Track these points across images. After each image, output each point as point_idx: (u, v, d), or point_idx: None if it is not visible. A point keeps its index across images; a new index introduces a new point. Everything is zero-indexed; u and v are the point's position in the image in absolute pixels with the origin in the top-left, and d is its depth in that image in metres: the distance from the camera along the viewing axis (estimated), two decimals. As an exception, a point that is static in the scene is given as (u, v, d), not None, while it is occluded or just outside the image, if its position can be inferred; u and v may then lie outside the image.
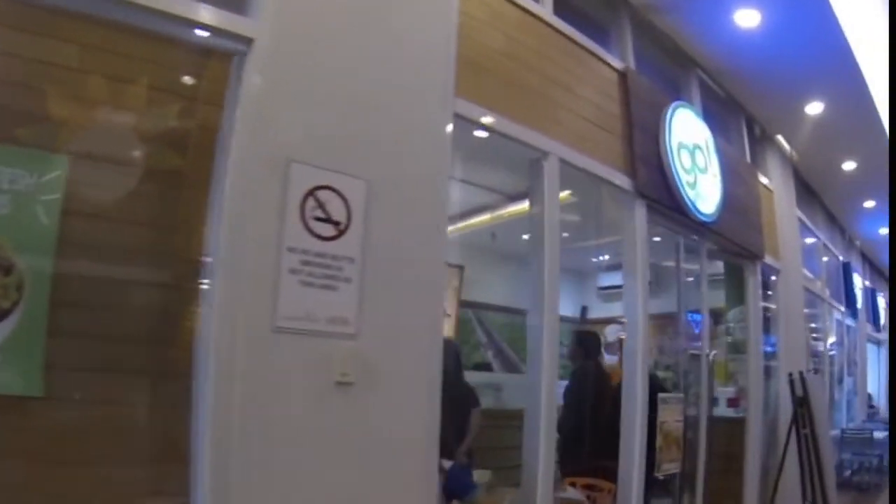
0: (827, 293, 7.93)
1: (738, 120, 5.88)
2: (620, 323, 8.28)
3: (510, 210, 6.74)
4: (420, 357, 2.56)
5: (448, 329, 7.16)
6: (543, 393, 3.13)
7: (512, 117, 3.15)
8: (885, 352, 10.94)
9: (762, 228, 5.59)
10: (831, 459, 5.27)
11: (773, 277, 6.03)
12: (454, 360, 4.46)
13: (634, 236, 3.86)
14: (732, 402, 5.29)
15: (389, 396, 2.42)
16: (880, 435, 8.11)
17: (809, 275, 7.73)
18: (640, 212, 3.90)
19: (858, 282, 9.49)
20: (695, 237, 4.70)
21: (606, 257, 8.41)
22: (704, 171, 4.50)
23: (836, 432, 8.06)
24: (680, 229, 4.48)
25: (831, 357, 8.05)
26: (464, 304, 7.43)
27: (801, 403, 5.26)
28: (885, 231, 9.30)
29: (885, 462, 8.21)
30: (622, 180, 3.84)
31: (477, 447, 4.42)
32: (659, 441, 3.91)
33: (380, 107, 2.51)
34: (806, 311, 7.74)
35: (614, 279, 8.56)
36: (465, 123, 2.91)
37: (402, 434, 2.46)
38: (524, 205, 6.71)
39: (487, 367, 6.94)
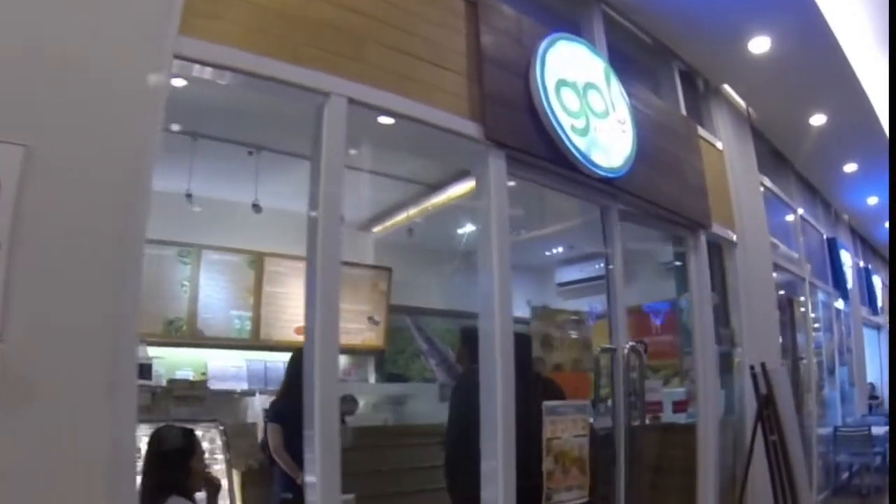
0: (808, 272, 6.92)
1: (668, 67, 4.95)
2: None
3: (434, 202, 5.98)
4: (102, 364, 1.87)
5: (377, 338, 6.35)
6: (318, 399, 2.27)
7: (277, 56, 2.42)
8: (885, 336, 9.86)
9: (706, 193, 4.65)
10: (803, 467, 4.28)
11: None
12: None
13: (489, 197, 2.95)
14: (680, 406, 4.32)
15: (49, 416, 1.76)
16: (880, 430, 7.06)
17: (791, 252, 6.76)
18: (495, 165, 2.99)
19: (848, 260, 8.46)
20: (605, 201, 3.77)
21: (560, 250, 7.57)
22: (604, 115, 3.58)
23: (828, 431, 7.03)
24: (573, 189, 3.54)
25: (818, 345, 7.03)
26: (396, 310, 6.58)
27: (767, 402, 4.30)
28: (873, 200, 8.31)
29: (888, 461, 7.17)
30: (465, 126, 2.95)
31: (365, 471, 3.74)
32: (548, 464, 2.97)
33: (55, 55, 1.90)
34: (784, 293, 6.79)
35: (573, 273, 7.72)
36: (198, 66, 2.29)
37: (75, 466, 1.78)
38: (448, 194, 5.96)
39: (400, 377, 6.03)
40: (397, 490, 4.16)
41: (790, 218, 7.07)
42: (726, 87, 5.42)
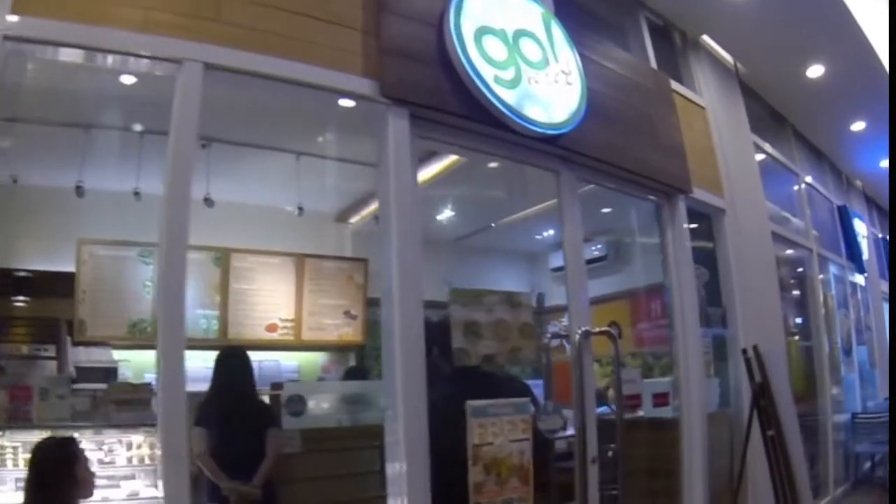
0: (815, 242, 6.29)
1: (634, 18, 4.38)
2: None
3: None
4: None
5: (354, 333, 5.92)
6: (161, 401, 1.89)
7: (123, 26, 2.16)
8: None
9: (684, 154, 4.07)
10: (804, 466, 3.70)
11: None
12: (240, 370, 3.67)
13: (388, 164, 2.49)
14: (660, 399, 3.76)
15: None
16: (905, 415, 6.38)
17: (797, 221, 6.15)
18: (395, 125, 2.54)
19: (863, 229, 7.78)
20: (555, 165, 3.22)
21: (551, 232, 7.07)
22: (542, 66, 3.06)
23: (845, 417, 6.39)
24: (510, 152, 3.03)
25: (828, 323, 6.38)
26: (377, 303, 6.11)
27: (762, 391, 3.74)
28: (886, 163, 7.61)
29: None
30: (357, 84, 2.52)
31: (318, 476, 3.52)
32: (476, 474, 2.45)
33: None
34: (802, 270, 6.19)
35: (568, 257, 7.19)
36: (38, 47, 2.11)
37: None
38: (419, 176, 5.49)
39: (360, 374, 5.58)
40: (355, 496, 3.74)
41: (794, 185, 6.44)
42: (706, 38, 4.83)
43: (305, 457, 3.53)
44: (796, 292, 6.15)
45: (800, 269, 6.16)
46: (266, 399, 4.39)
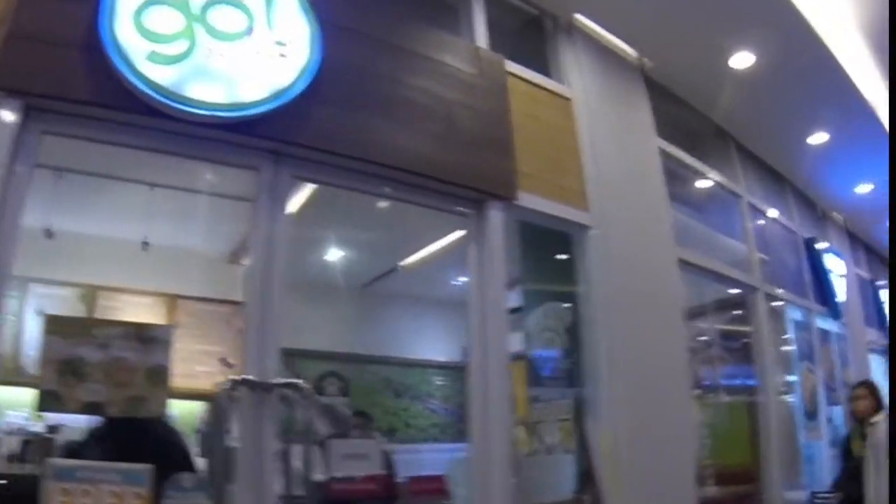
0: (759, 278, 5.10)
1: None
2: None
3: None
4: None
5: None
6: None
7: None
8: (902, 365, 7.67)
9: (510, 151, 3.06)
10: None
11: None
12: None
13: None
14: (425, 488, 2.59)
15: None
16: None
17: (736, 246, 5.04)
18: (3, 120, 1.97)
19: (839, 267, 6.52)
20: (255, 159, 2.27)
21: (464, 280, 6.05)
22: (238, 36, 2.30)
23: (803, 496, 5.08)
24: (165, 143, 2.24)
25: (783, 380, 5.13)
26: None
27: (586, 482, 2.63)
28: (864, 189, 6.41)
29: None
30: None
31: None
32: None
33: None
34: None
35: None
36: None
37: None
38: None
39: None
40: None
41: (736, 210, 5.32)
42: (580, 17, 3.84)
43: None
44: (735, 340, 4.98)
45: (738, 312, 4.99)
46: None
